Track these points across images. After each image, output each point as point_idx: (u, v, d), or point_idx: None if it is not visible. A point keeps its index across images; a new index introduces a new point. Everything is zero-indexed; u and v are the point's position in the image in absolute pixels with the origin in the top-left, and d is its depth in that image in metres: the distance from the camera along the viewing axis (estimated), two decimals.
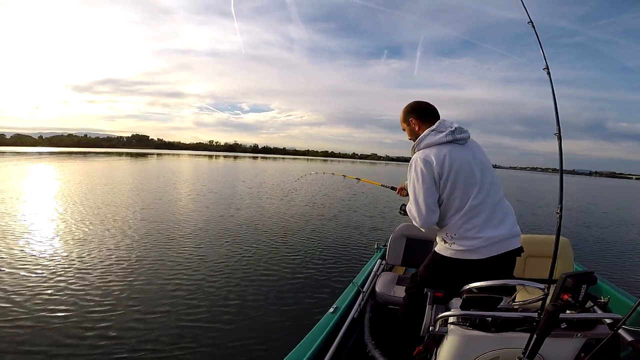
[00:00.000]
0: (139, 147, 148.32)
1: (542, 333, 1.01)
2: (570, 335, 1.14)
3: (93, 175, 17.88)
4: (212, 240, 6.13)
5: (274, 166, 42.19)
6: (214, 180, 18.16)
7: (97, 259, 4.69)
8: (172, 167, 30.20)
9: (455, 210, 1.53)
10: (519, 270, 2.19)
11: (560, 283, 1.06)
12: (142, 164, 32.85)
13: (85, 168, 22.84)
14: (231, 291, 3.92)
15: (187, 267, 4.61)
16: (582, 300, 1.07)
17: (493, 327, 1.21)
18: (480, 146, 1.66)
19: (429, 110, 1.69)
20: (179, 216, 8.07)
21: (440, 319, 1.34)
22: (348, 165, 50.59)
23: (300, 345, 1.75)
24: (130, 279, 4.09)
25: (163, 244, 5.64)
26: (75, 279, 3.95)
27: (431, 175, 1.51)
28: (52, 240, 5.47)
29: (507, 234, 1.51)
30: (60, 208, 8.18)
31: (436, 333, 1.37)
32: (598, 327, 1.15)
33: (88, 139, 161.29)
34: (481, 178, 1.54)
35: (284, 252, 5.58)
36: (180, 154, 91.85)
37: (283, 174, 26.02)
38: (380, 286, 2.50)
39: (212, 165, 37.25)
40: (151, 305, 3.44)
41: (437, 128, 1.59)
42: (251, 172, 28.25)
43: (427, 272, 1.69)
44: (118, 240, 5.69)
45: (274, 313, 3.42)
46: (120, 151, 78.66)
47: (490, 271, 1.47)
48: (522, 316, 1.19)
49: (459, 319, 1.26)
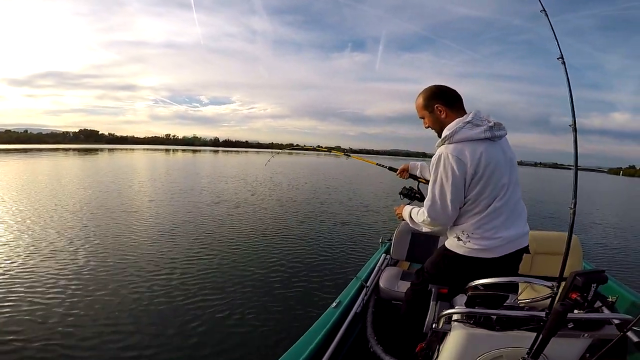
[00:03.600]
0: (88, 143, 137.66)
1: (548, 333, 0.99)
2: (577, 336, 1.12)
3: (35, 174, 16.27)
4: (214, 234, 6.10)
5: (244, 159, 41.39)
6: (195, 176, 17.58)
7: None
8: (137, 162, 28.77)
9: (479, 210, 1.45)
10: (525, 267, 2.16)
11: (569, 281, 1.03)
12: (95, 160, 30.50)
13: (24, 167, 20.73)
14: (233, 285, 3.92)
15: (188, 258, 4.72)
16: (590, 300, 1.05)
17: (498, 326, 1.18)
18: (508, 142, 1.54)
19: (456, 95, 1.53)
20: (177, 212, 7.89)
21: (444, 316, 1.32)
22: (313, 158, 51.00)
23: (301, 340, 1.73)
24: (125, 279, 3.90)
25: (166, 241, 5.50)
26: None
27: (462, 175, 1.39)
28: None
29: (520, 233, 1.48)
30: None
31: (439, 330, 1.35)
32: (606, 327, 1.13)
33: (29, 134, 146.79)
34: (509, 178, 1.46)
35: (287, 246, 5.52)
36: (135, 148, 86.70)
37: (263, 166, 25.44)
38: (384, 281, 2.47)
39: (178, 160, 35.92)
40: (154, 304, 3.42)
41: (474, 121, 1.42)
42: (234, 166, 27.63)
43: (436, 268, 1.63)
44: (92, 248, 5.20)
45: (276, 307, 3.44)
46: (66, 147, 72.64)
47: (499, 269, 1.43)
48: (529, 315, 1.16)
49: (463, 316, 1.23)
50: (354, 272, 2.73)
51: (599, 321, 1.13)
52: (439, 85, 1.56)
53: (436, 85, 1.56)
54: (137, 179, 15.41)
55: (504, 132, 1.45)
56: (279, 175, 19.07)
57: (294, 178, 18.21)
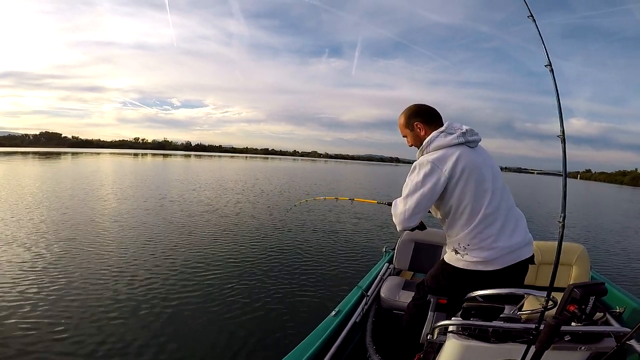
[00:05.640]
0: (50, 146, 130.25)
1: (542, 346, 0.96)
2: (574, 348, 1.10)
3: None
4: (216, 241, 6.08)
5: (241, 164, 41.01)
6: (192, 182, 17.13)
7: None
8: (105, 167, 27.54)
9: (468, 219, 1.42)
10: (530, 278, 2.13)
11: (567, 294, 1.01)
12: (55, 165, 28.76)
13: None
14: (233, 291, 3.91)
15: (191, 265, 4.72)
16: (589, 312, 1.02)
17: (493, 338, 1.16)
18: (488, 151, 1.57)
19: (434, 113, 1.58)
20: (181, 219, 7.79)
21: (438, 327, 1.30)
22: (290, 164, 50.99)
23: (298, 347, 1.72)
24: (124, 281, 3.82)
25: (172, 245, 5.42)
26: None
27: (436, 180, 1.39)
28: None
29: (521, 243, 1.44)
30: None
31: (435, 341, 1.34)
32: (605, 340, 1.10)
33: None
34: (493, 184, 1.45)
35: (287, 253, 5.49)
36: (101, 152, 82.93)
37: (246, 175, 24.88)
38: (385, 291, 2.44)
39: (163, 164, 35.27)
40: (159, 307, 3.40)
41: (447, 130, 1.49)
42: (220, 171, 27.16)
43: (436, 282, 1.60)
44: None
45: (274, 314, 3.44)
46: (26, 150, 68.34)
47: (502, 281, 1.39)
48: (522, 327, 1.14)
49: (458, 328, 1.21)
50: (355, 281, 2.73)
51: (597, 333, 1.11)
52: (418, 104, 1.63)
53: (416, 104, 1.63)
54: (117, 185, 14.76)
55: (478, 137, 1.50)
56: (281, 183, 19.16)
57: (296, 186, 18.20)
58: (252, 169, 35.76)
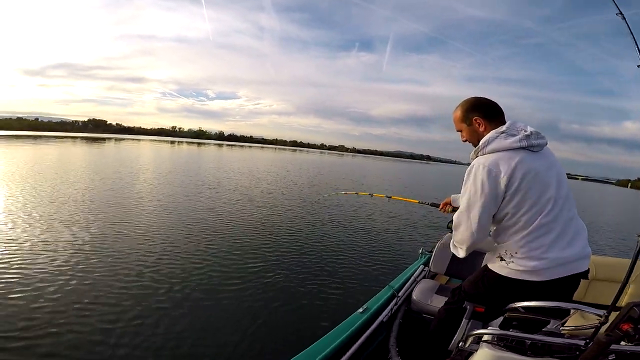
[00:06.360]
0: (96, 132, 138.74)
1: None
2: None
3: (43, 160, 16.35)
4: (251, 229, 6.20)
5: (264, 155, 41.45)
6: (235, 172, 17.59)
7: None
8: (148, 152, 28.86)
9: (522, 226, 1.31)
10: (579, 293, 1.99)
11: (624, 311, 0.94)
12: (101, 148, 30.69)
13: (33, 153, 20.93)
14: (266, 279, 3.99)
15: (227, 252, 4.85)
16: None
17: (530, 351, 1.08)
18: (554, 155, 1.43)
19: (497, 108, 1.45)
20: (209, 209, 7.79)
21: (473, 335, 1.24)
22: (317, 157, 51.00)
23: (321, 340, 1.72)
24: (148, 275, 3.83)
25: (199, 240, 5.35)
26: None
27: (494, 187, 1.29)
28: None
29: (577, 256, 1.31)
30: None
31: (465, 349, 1.28)
32: None
33: (39, 122, 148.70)
34: (557, 192, 1.32)
35: (319, 247, 5.52)
36: (141, 139, 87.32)
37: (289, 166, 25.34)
38: (417, 293, 2.35)
39: (202, 153, 36.35)
40: (179, 300, 3.38)
41: (508, 130, 1.34)
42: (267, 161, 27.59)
43: (475, 289, 1.51)
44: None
45: (302, 306, 3.48)
46: (75, 135, 73.34)
47: (548, 294, 1.27)
48: (567, 343, 1.05)
49: (494, 337, 1.15)
50: (386, 280, 2.66)
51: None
52: (478, 97, 1.49)
53: (475, 97, 1.49)
54: (159, 170, 15.49)
55: (544, 141, 1.35)
56: (311, 176, 19.22)
57: (326, 180, 18.18)
58: (281, 160, 36.31)
